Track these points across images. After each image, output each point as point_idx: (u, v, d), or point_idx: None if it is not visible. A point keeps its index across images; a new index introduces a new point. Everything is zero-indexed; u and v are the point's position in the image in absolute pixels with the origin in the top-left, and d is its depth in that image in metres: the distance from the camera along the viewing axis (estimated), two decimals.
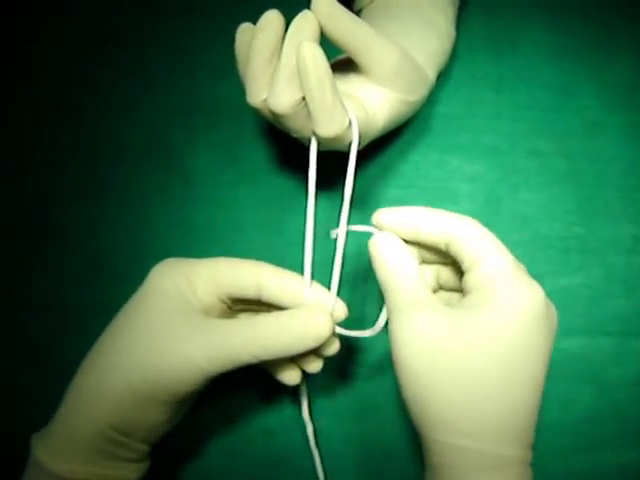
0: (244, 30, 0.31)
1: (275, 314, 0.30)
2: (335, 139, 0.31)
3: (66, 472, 0.29)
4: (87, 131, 0.44)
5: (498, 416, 0.26)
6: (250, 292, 0.32)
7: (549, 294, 0.39)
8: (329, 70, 0.29)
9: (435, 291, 0.33)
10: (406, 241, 0.30)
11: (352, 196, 0.31)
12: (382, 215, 0.30)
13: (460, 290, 0.31)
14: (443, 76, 0.42)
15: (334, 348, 0.32)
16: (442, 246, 0.29)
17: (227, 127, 0.43)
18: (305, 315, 0.30)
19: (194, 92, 0.45)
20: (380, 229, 0.30)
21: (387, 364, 0.38)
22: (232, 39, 0.33)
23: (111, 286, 0.33)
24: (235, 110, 0.43)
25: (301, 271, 0.32)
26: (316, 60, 0.28)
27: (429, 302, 0.28)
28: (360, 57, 0.33)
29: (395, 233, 0.30)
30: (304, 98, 0.30)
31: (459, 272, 0.30)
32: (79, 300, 0.40)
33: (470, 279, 0.28)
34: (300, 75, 0.28)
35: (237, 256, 0.40)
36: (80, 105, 0.45)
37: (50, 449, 0.29)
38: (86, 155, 0.43)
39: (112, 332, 0.31)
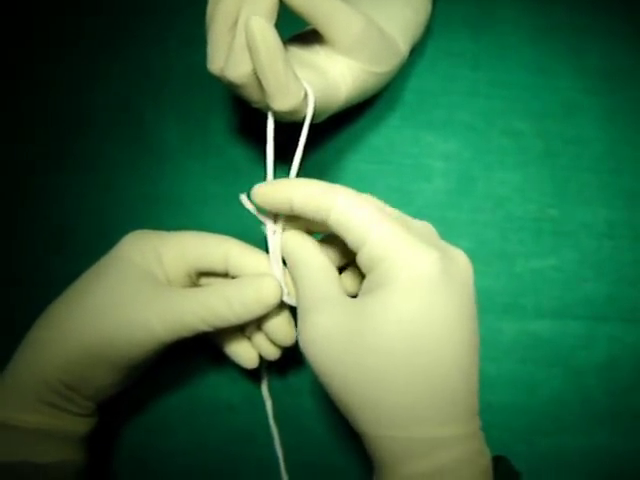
0: None
1: (225, 281, 0.31)
2: (291, 112, 0.30)
3: (17, 420, 0.29)
4: (55, 99, 0.43)
5: (419, 398, 0.26)
6: (218, 266, 0.32)
7: (520, 275, 0.39)
8: (280, 44, 0.28)
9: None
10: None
11: (300, 167, 0.31)
12: (256, 193, 0.30)
13: None
14: (419, 52, 0.42)
15: (287, 335, 0.32)
16: (323, 226, 0.28)
17: (198, 98, 0.42)
18: (252, 281, 0.30)
19: (166, 61, 0.43)
20: (259, 205, 0.30)
21: None
22: (206, 7, 0.31)
23: (78, 258, 0.33)
24: (206, 80, 0.41)
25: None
26: (265, 35, 0.27)
27: (331, 298, 0.27)
28: (323, 27, 0.32)
29: (268, 208, 0.30)
30: None
31: None
32: (46, 271, 0.39)
33: (360, 261, 0.27)
34: (250, 51, 0.28)
35: (205, 228, 0.39)
36: (48, 73, 0.43)
37: (1, 398, 0.30)
38: (54, 124, 0.42)
39: (73, 292, 0.31)
